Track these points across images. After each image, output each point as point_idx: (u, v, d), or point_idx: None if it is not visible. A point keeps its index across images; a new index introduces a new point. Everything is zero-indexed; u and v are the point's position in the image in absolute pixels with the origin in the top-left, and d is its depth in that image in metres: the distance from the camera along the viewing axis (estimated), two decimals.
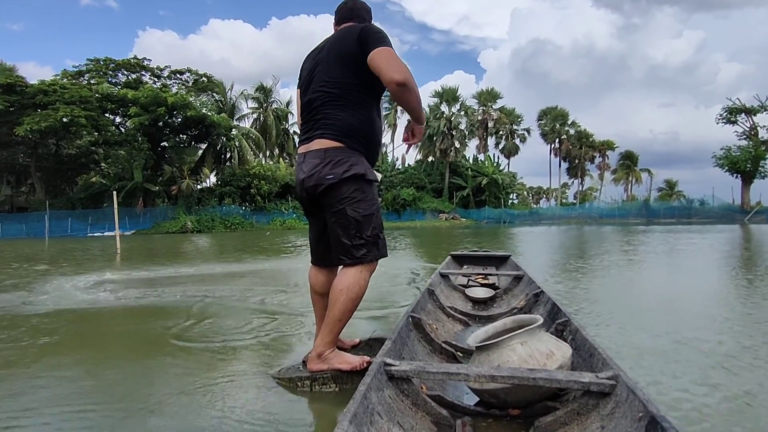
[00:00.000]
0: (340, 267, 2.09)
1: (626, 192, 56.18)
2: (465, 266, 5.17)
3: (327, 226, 2.13)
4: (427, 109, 47.52)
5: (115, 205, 11.94)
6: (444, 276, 4.08)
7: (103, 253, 11.71)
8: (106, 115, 34.15)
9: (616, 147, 55.09)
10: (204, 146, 37.74)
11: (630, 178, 56.87)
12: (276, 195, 36.23)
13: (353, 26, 2.10)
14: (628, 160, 56.75)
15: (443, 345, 2.42)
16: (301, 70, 2.28)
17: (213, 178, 38.62)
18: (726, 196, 39.59)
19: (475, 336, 2.05)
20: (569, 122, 52.71)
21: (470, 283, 4.17)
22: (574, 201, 56.48)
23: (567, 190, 64.75)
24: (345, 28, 2.14)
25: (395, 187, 43.69)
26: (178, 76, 39.73)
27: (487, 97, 49.20)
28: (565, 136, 52.66)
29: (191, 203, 33.78)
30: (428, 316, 2.84)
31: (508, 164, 51.89)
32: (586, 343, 1.94)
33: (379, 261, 2.14)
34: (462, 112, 47.41)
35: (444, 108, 46.64)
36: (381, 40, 1.98)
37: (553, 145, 53.51)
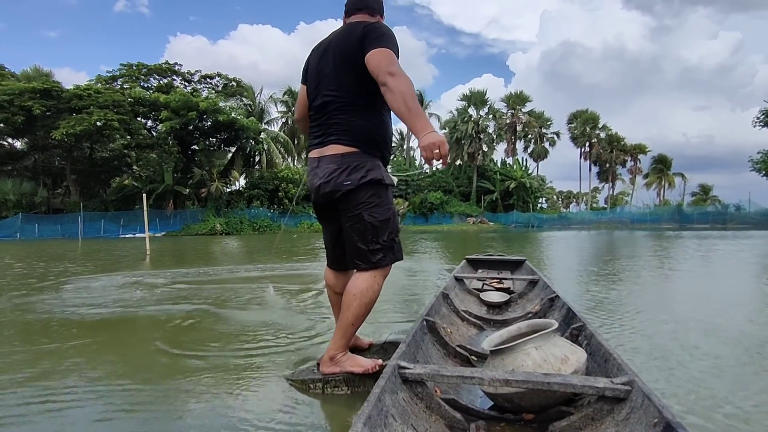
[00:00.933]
0: (354, 270, 2.08)
1: (659, 197, 54.80)
2: (480, 270, 5.12)
3: (342, 230, 2.11)
4: (455, 113, 47.33)
5: (145, 208, 12.09)
6: (459, 280, 4.06)
7: (134, 254, 11.86)
8: (138, 119, 35.04)
9: (649, 151, 53.79)
10: (233, 149, 38.33)
11: (663, 183, 55.40)
12: (304, 198, 36.53)
13: (357, 24, 2.02)
14: (661, 164, 55.31)
15: (457, 349, 2.41)
16: (306, 66, 2.22)
17: (242, 181, 39.19)
18: (763, 201, 38.18)
19: (489, 340, 2.04)
20: (600, 125, 51.68)
21: (485, 287, 4.13)
22: (605, 206, 55.27)
23: (598, 195, 63.50)
24: (349, 26, 2.07)
25: (423, 191, 43.55)
26: (209, 80, 40.47)
27: (516, 100, 48.65)
28: (595, 140, 51.64)
29: (220, 206, 34.31)
30: (443, 320, 2.82)
31: (537, 168, 51.28)
32: (601, 348, 1.92)
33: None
34: (490, 116, 46.98)
35: (472, 111, 46.30)
36: (378, 39, 1.91)
37: (583, 149, 52.56)
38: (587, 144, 51.98)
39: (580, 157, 53.28)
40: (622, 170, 54.53)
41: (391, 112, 2.01)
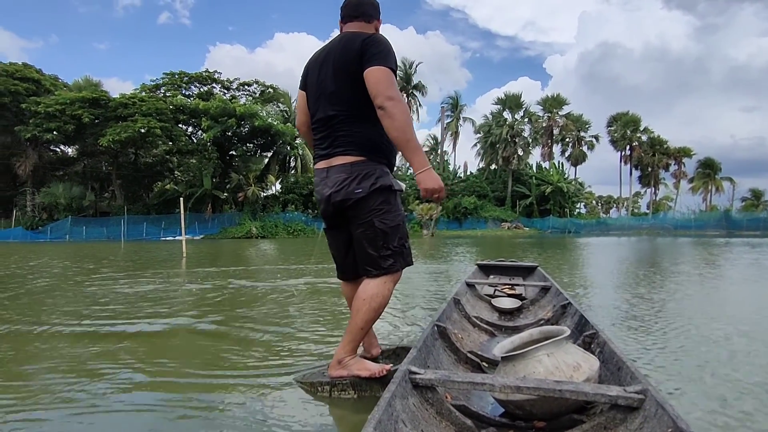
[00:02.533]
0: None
1: (705, 202, 52.59)
2: (491, 276, 5.06)
3: (352, 237, 2.11)
4: (489, 117, 46.92)
5: (182, 211, 12.50)
6: (470, 285, 3.99)
7: (171, 256, 12.27)
8: (180, 125, 36.30)
9: (694, 154, 51.78)
10: (269, 155, 39.20)
11: (710, 188, 53.16)
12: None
13: (356, 36, 2.02)
14: (708, 168, 53.08)
15: (468, 355, 2.37)
16: (306, 74, 2.22)
17: (277, 186, 39.99)
18: None
19: (501, 346, 1.98)
20: (641, 128, 50.07)
21: (496, 293, 4.07)
22: (647, 211, 53.44)
23: (639, 200, 61.44)
24: (348, 36, 2.06)
25: (456, 195, 43.27)
26: (246, 87, 41.59)
27: (553, 103, 47.79)
28: (636, 143, 50.07)
29: (256, 210, 35.11)
30: (454, 326, 2.79)
31: (575, 172, 50.16)
32: (614, 356, 1.86)
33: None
34: (526, 119, 46.33)
35: (507, 115, 45.79)
36: (377, 55, 1.92)
37: (623, 153, 51.06)
38: (628, 147, 50.47)
39: (621, 160, 51.83)
40: (666, 174, 52.76)
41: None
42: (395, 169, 2.28)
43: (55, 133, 32.18)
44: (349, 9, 2.16)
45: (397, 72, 1.98)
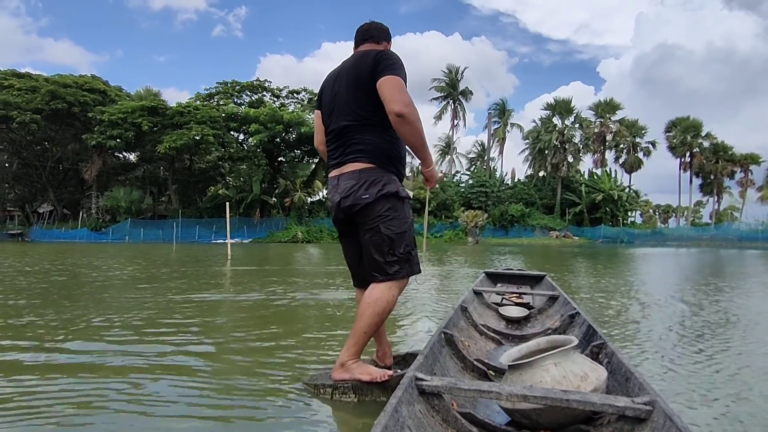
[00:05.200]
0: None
1: None
2: (499, 284, 4.99)
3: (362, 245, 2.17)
4: (538, 122, 45.89)
5: (227, 216, 12.96)
6: (477, 293, 3.96)
7: (216, 259, 12.71)
8: (231, 133, 37.73)
9: (762, 161, 48.45)
10: (316, 161, 39.96)
11: None
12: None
13: (368, 52, 2.13)
14: None
15: (475, 363, 2.37)
16: (321, 93, 2.34)
17: (324, 191, 40.64)
18: None
19: (507, 355, 1.99)
20: (703, 134, 47.35)
21: (504, 301, 4.05)
22: (709, 221, 50.50)
23: (701, 209, 58.08)
24: (360, 53, 2.17)
25: (503, 203, 42.48)
26: (295, 95, 42.70)
27: (606, 108, 45.99)
28: (697, 149, 47.40)
29: (302, 214, 35.86)
30: (461, 333, 2.78)
31: (630, 180, 48.07)
32: (623, 366, 1.84)
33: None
34: (576, 125, 44.91)
35: (557, 120, 44.59)
36: (390, 67, 2.01)
37: (683, 159, 48.49)
38: (688, 154, 47.91)
39: (680, 168, 49.24)
40: (731, 182, 49.68)
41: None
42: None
43: (117, 140, 34.19)
44: (360, 34, 2.31)
45: (438, 81, 2.03)
